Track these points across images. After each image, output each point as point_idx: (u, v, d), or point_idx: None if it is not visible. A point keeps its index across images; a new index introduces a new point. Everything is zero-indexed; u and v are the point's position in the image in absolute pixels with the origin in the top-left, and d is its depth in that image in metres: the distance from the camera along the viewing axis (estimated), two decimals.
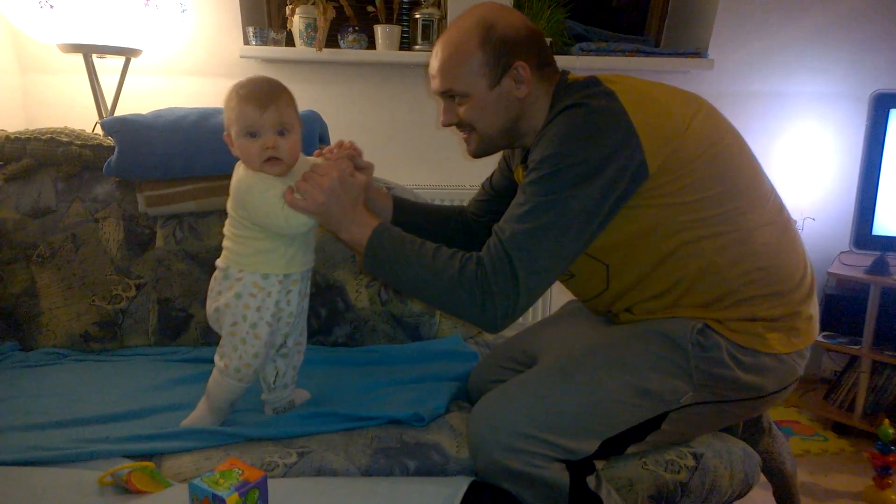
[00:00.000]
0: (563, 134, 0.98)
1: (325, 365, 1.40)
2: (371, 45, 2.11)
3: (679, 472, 1.06)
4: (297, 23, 2.01)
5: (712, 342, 1.02)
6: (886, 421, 1.78)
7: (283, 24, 2.09)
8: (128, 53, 1.77)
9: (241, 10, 2.00)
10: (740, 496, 1.14)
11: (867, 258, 2.09)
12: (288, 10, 2.02)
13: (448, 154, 2.24)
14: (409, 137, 2.21)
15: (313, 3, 1.99)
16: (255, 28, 2.00)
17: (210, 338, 1.49)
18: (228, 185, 1.50)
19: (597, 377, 1.03)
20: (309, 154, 1.52)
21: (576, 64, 2.14)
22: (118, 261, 1.51)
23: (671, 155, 0.99)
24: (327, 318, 1.52)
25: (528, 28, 1.08)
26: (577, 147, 0.97)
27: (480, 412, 1.01)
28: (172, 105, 1.65)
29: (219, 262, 1.12)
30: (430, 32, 2.09)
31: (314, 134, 1.56)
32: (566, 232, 0.96)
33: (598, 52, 2.15)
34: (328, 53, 2.03)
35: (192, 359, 1.42)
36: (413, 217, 1.27)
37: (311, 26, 2.00)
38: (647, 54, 2.16)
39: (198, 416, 1.12)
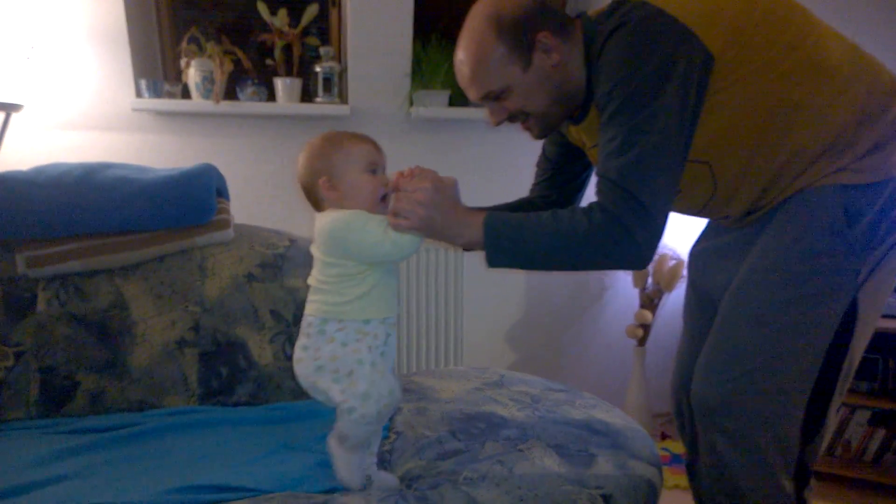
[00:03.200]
0: (619, 58, 1.00)
1: (224, 426, 1.36)
2: (271, 97, 2.14)
3: None
4: (192, 75, 2.02)
5: (857, 199, 1.03)
6: None
7: (178, 76, 2.09)
8: (8, 109, 1.71)
9: (133, 63, 1.99)
10: None
11: None
12: (183, 62, 2.02)
13: None
14: None
15: (209, 56, 2.01)
16: (147, 80, 1.98)
17: (100, 404, 1.42)
18: (117, 242, 1.48)
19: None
20: (208, 209, 1.53)
21: (475, 115, 2.26)
22: None
23: (726, 29, 1.01)
24: (228, 376, 1.49)
25: None
26: (638, 63, 0.99)
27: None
28: (60, 160, 1.60)
29: (310, 314, 1.08)
30: (330, 85, 2.15)
31: (211, 188, 1.56)
32: (667, 145, 0.99)
33: None
34: (227, 106, 2.04)
35: (80, 429, 1.34)
36: None
37: (207, 79, 2.02)
38: None
39: (346, 468, 1.07)
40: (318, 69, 2.14)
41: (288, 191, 2.21)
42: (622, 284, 2.52)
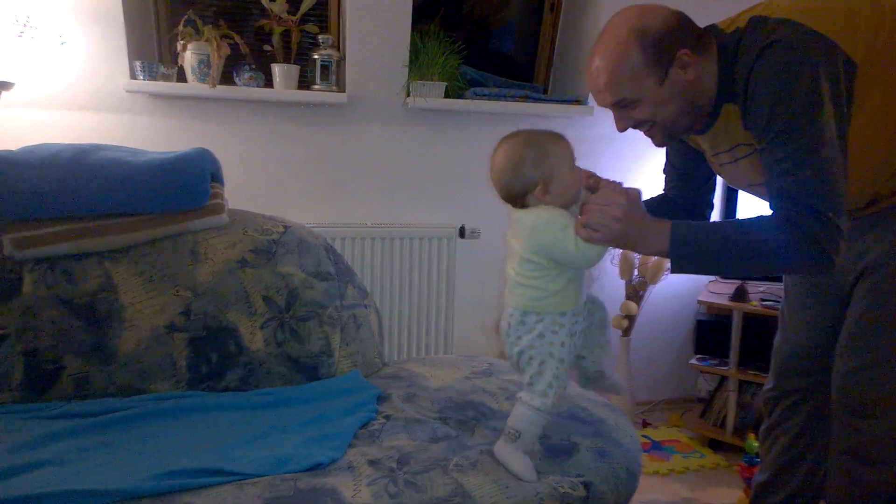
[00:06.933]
0: (774, 80, 1.01)
1: (213, 411, 1.30)
2: (268, 83, 2.05)
3: None
4: (188, 58, 1.92)
5: None
6: (752, 435, 1.89)
7: (174, 59, 1.99)
8: None
9: (128, 44, 1.89)
10: None
11: (730, 286, 2.25)
12: (179, 45, 1.92)
13: (345, 192, 2.20)
14: (306, 176, 2.16)
15: (206, 40, 1.91)
16: (142, 62, 1.88)
17: (85, 389, 1.34)
18: (107, 225, 1.40)
19: None
20: (202, 193, 1.46)
21: (470, 107, 2.19)
22: None
23: (864, 36, 1.03)
24: (218, 362, 1.41)
25: (675, 15, 1.08)
26: (793, 82, 1.00)
27: None
28: (51, 141, 1.51)
29: (512, 307, 1.11)
30: (328, 73, 2.06)
31: (205, 172, 1.48)
32: (835, 157, 1.01)
33: (491, 97, 2.21)
34: (223, 90, 1.94)
35: (65, 414, 1.26)
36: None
37: (204, 62, 1.92)
38: (535, 100, 2.25)
39: (520, 463, 1.08)
40: (316, 56, 2.05)
41: (283, 176, 2.12)
42: (609, 277, 2.46)
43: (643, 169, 2.42)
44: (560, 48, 2.50)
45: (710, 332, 2.30)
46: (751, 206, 2.02)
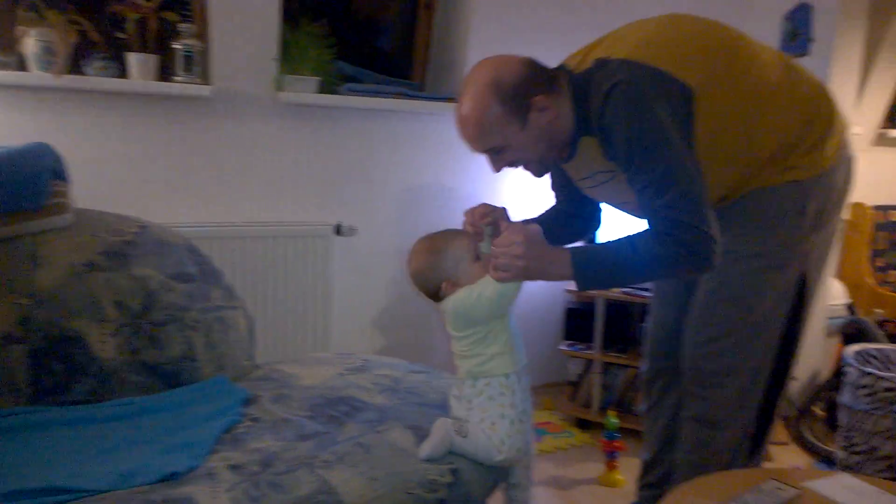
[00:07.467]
0: (622, 119, 1.12)
1: (58, 426, 1.21)
2: (124, 73, 1.91)
3: (438, 490, 1.10)
4: (30, 45, 1.75)
5: (806, 191, 1.25)
6: (611, 412, 2.04)
7: (12, 45, 1.80)
8: None
9: None
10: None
11: None
12: (18, 30, 1.75)
13: (214, 190, 2.10)
14: (169, 173, 2.04)
15: (51, 25, 1.75)
16: None
17: None
18: None
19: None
20: (41, 192, 1.34)
21: (345, 103, 2.17)
22: None
23: (697, 65, 1.16)
24: (64, 373, 1.31)
25: (525, 64, 1.17)
26: (638, 119, 1.11)
27: None
28: None
29: (461, 377, 1.22)
30: (191, 64, 1.96)
31: (44, 168, 1.36)
32: (692, 175, 1.13)
33: (365, 93, 2.21)
34: (70, 80, 1.79)
35: None
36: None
37: (47, 49, 1.76)
38: (410, 97, 2.27)
39: (436, 444, 1.15)
40: (178, 46, 1.94)
41: (142, 174, 1.99)
42: None
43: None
44: (435, 46, 2.55)
45: (577, 318, 2.44)
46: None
